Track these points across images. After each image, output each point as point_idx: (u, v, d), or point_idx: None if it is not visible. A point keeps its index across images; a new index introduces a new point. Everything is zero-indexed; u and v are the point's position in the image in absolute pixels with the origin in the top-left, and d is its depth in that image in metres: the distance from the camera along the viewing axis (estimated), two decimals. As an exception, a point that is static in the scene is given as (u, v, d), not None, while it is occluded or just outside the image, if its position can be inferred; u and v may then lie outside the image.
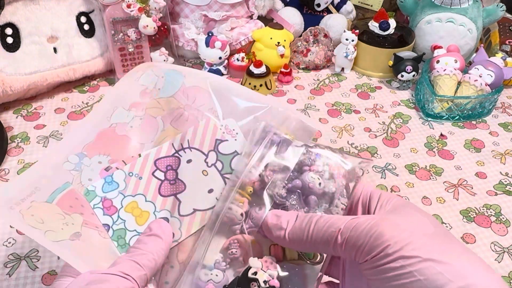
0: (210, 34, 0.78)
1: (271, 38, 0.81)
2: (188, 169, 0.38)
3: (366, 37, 0.83)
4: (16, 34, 0.70)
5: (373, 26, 0.82)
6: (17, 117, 0.71)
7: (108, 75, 0.81)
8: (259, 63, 0.76)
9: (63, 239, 0.34)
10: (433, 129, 0.73)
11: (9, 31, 0.69)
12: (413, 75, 0.79)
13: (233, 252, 0.34)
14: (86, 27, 0.76)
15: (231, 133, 0.39)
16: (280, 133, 0.37)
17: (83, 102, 0.75)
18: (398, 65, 0.79)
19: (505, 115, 0.77)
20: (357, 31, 0.81)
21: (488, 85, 0.73)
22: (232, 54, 0.82)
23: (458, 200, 0.60)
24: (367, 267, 0.29)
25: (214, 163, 0.38)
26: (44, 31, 0.72)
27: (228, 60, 0.82)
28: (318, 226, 0.31)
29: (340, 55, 0.83)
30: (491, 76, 0.73)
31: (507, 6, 0.86)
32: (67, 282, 0.31)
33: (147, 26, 0.74)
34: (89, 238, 0.35)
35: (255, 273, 0.32)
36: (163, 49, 0.78)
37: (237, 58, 0.81)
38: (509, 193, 0.61)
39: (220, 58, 0.79)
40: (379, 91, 0.81)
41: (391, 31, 0.82)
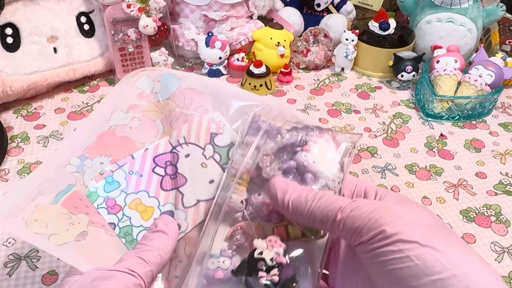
0: (210, 34, 0.78)
1: (271, 38, 0.81)
2: (187, 163, 0.38)
3: (366, 37, 0.83)
4: (16, 34, 0.70)
5: (373, 26, 0.82)
6: (17, 117, 0.71)
7: (108, 75, 0.81)
8: (259, 63, 0.76)
9: (68, 241, 0.34)
10: (433, 129, 0.73)
11: (9, 31, 0.69)
12: (413, 75, 0.79)
13: (238, 239, 0.34)
14: (86, 27, 0.76)
15: (218, 125, 0.40)
16: (268, 120, 0.38)
17: (83, 102, 0.75)
18: (398, 65, 0.79)
19: (505, 115, 0.77)
20: (357, 31, 0.81)
21: (488, 85, 0.73)
22: (232, 54, 0.82)
23: (458, 200, 0.60)
24: (364, 250, 0.29)
25: (212, 155, 0.39)
26: (44, 31, 0.72)
27: (228, 60, 0.82)
28: (321, 202, 0.31)
29: (340, 55, 0.83)
30: (491, 76, 0.73)
31: (507, 6, 0.86)
32: (74, 279, 0.31)
33: (147, 26, 0.74)
34: (96, 236, 0.35)
35: (261, 253, 0.32)
36: (163, 49, 0.79)
37: (237, 58, 0.81)
38: (509, 193, 0.61)
39: (220, 58, 0.79)
40: (379, 91, 0.81)
41: (391, 31, 0.82)
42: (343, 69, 0.86)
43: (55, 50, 0.73)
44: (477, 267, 0.27)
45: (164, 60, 0.79)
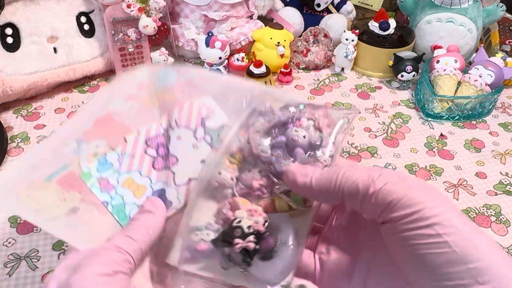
0: (210, 34, 0.78)
1: (271, 38, 0.81)
2: (179, 145, 0.40)
3: (366, 37, 0.83)
4: (16, 34, 0.70)
5: (373, 26, 0.82)
6: (17, 117, 0.71)
7: (108, 75, 0.81)
8: (259, 63, 0.76)
9: (58, 215, 0.34)
10: (433, 129, 0.73)
11: (9, 31, 0.69)
12: (413, 75, 0.79)
13: (225, 213, 0.34)
14: (86, 27, 0.76)
15: (209, 109, 0.41)
16: (263, 101, 0.38)
17: (83, 102, 0.75)
18: (398, 65, 0.79)
19: (505, 115, 0.77)
20: (357, 31, 0.81)
21: (488, 85, 0.73)
22: (232, 54, 0.82)
23: (458, 200, 0.60)
24: (392, 230, 0.27)
25: (203, 136, 0.40)
26: (44, 31, 0.72)
27: (228, 60, 0.82)
28: (348, 175, 0.29)
29: (340, 55, 0.83)
30: (491, 76, 0.73)
31: (507, 6, 0.86)
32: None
33: (147, 26, 0.74)
34: (88, 213, 0.36)
35: (240, 222, 0.32)
36: (163, 49, 0.79)
37: (237, 58, 0.81)
38: (509, 193, 0.61)
39: (220, 58, 0.79)
40: (379, 91, 0.81)
41: (391, 31, 0.82)
42: (343, 69, 0.86)
43: (55, 50, 0.73)
44: (503, 257, 0.26)
45: (164, 60, 0.79)
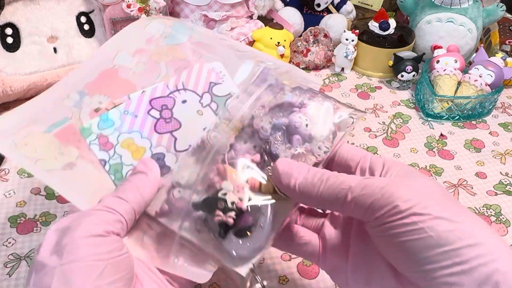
0: (210, 34, 0.78)
1: (271, 38, 0.81)
2: (183, 109, 0.39)
3: (366, 37, 0.83)
4: (16, 34, 0.70)
5: (373, 26, 0.82)
6: (17, 117, 0.71)
7: (108, 75, 0.81)
8: (259, 63, 0.76)
9: (55, 168, 0.34)
10: (433, 129, 0.73)
11: (9, 31, 0.69)
12: (413, 75, 0.79)
13: (211, 178, 0.34)
14: (86, 27, 0.76)
15: (218, 75, 0.40)
16: (276, 75, 0.38)
17: (83, 102, 0.75)
18: (398, 65, 0.79)
19: (505, 115, 0.77)
20: (357, 31, 0.81)
21: (488, 85, 0.73)
22: (232, 54, 0.82)
23: (458, 200, 0.60)
24: (375, 225, 0.29)
25: (209, 103, 0.39)
26: (44, 31, 0.72)
27: (228, 60, 0.82)
28: (329, 183, 0.31)
29: (340, 55, 0.83)
30: (491, 76, 0.73)
31: (507, 6, 0.86)
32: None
33: (147, 26, 0.74)
34: (84, 170, 0.35)
35: (225, 194, 0.32)
36: (163, 49, 0.79)
37: (237, 58, 0.81)
38: (509, 193, 0.61)
39: (220, 58, 0.79)
40: (379, 91, 0.81)
41: (391, 31, 0.82)
42: (343, 69, 0.86)
43: (55, 50, 0.73)
44: (488, 235, 0.27)
45: (164, 60, 0.79)
